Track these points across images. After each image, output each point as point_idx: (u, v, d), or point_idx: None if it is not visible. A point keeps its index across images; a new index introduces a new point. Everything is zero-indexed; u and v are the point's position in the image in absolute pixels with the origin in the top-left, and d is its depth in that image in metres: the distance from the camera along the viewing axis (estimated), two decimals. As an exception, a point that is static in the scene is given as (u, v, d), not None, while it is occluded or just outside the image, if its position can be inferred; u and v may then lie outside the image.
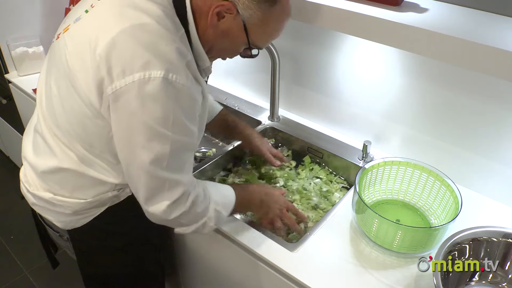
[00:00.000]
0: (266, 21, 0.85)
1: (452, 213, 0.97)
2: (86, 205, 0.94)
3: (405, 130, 1.24)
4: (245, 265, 1.06)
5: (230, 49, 0.92)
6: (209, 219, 0.94)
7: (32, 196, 0.98)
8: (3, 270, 1.96)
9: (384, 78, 1.21)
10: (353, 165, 1.28)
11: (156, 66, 0.74)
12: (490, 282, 0.94)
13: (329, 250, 1.00)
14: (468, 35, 0.81)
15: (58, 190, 0.94)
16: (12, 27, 1.78)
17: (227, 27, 0.85)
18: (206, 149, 1.52)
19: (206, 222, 0.94)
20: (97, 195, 0.93)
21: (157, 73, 0.74)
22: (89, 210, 0.95)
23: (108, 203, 0.96)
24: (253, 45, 0.90)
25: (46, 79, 0.92)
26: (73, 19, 0.88)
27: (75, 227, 0.98)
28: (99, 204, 0.95)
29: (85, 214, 0.96)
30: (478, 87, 1.04)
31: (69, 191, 0.93)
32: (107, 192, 0.94)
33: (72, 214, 0.95)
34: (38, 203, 0.98)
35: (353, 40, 1.22)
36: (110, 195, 0.94)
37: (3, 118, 2.19)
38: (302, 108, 1.48)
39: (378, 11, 0.93)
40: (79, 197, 0.93)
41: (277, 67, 1.34)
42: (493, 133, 1.06)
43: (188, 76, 0.79)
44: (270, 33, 0.90)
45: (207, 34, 0.86)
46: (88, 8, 0.86)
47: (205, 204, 0.93)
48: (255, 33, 0.86)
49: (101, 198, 0.94)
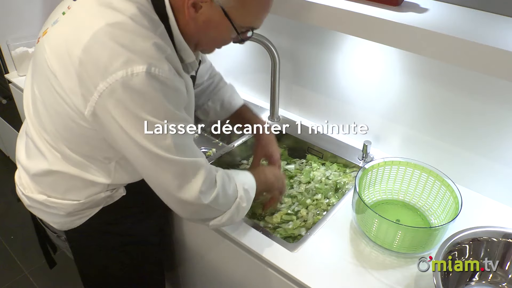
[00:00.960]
0: (244, 0, 0.82)
1: (452, 213, 0.97)
2: (80, 206, 0.94)
3: (405, 130, 1.24)
4: (245, 265, 1.06)
5: (219, 38, 0.90)
6: (241, 199, 0.93)
7: (27, 198, 0.98)
8: (3, 270, 1.96)
9: (384, 78, 1.21)
10: (353, 165, 1.28)
11: (138, 62, 0.74)
12: (490, 282, 0.94)
13: (329, 250, 1.00)
14: (468, 35, 0.81)
15: (51, 192, 0.94)
16: (12, 27, 1.78)
17: (207, 17, 0.82)
18: (206, 149, 1.52)
19: (239, 204, 0.93)
20: (89, 196, 0.93)
21: (140, 68, 0.74)
22: (83, 211, 0.96)
23: (102, 203, 0.96)
24: (241, 28, 0.86)
25: (31, 84, 0.92)
26: (51, 22, 0.88)
27: (71, 227, 0.98)
28: (93, 205, 0.95)
29: (80, 215, 0.96)
30: (478, 87, 1.04)
31: (62, 193, 0.93)
32: (100, 193, 0.94)
33: (66, 215, 0.95)
34: (33, 205, 0.98)
35: (353, 40, 1.21)
36: (103, 195, 0.94)
37: (3, 118, 2.19)
38: (302, 108, 1.48)
39: (378, 11, 0.93)
40: (71, 198, 0.93)
41: (277, 67, 1.34)
42: (493, 133, 1.06)
43: (170, 69, 0.78)
44: (254, 11, 0.85)
45: (189, 28, 0.84)
46: (65, 10, 0.86)
47: (233, 185, 0.92)
48: (237, 16, 0.83)
49: (94, 199, 0.94)
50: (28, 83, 0.95)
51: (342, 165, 1.32)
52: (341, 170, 1.30)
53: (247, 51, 1.52)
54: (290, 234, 1.10)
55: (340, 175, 1.28)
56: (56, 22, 0.86)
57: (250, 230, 1.04)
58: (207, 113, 1.24)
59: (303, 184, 1.27)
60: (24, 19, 1.80)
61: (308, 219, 1.14)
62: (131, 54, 0.74)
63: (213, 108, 1.23)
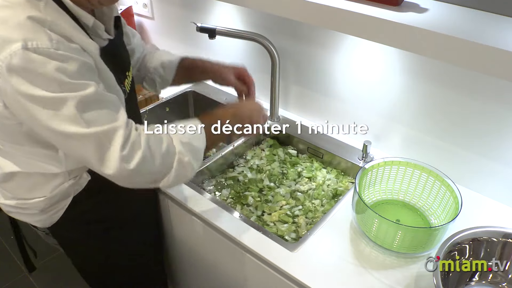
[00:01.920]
0: None
1: (452, 213, 0.97)
2: (49, 201, 0.95)
3: (405, 130, 1.24)
4: (245, 265, 1.06)
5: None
6: (181, 154, 0.85)
7: (3, 205, 1.00)
8: (3, 270, 1.96)
9: (384, 78, 1.21)
10: (353, 165, 1.28)
11: (12, 40, 0.70)
12: (490, 282, 0.94)
13: (329, 250, 1.00)
14: (468, 35, 0.81)
15: (18, 194, 0.95)
16: None
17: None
18: (206, 149, 1.52)
19: (180, 159, 0.85)
20: (54, 189, 0.94)
21: (15, 46, 0.70)
22: (55, 205, 0.96)
23: (71, 193, 0.96)
24: None
25: None
26: None
27: (53, 222, 0.99)
28: (62, 197, 0.95)
29: (54, 209, 0.97)
30: (478, 87, 1.04)
31: (28, 193, 0.94)
32: (63, 183, 0.94)
33: (41, 212, 0.96)
34: (10, 210, 1.00)
35: (353, 40, 1.21)
36: (67, 185, 0.94)
37: None
38: (302, 108, 1.48)
39: (378, 11, 0.93)
40: (38, 196, 0.94)
41: (277, 67, 1.34)
42: (493, 133, 1.06)
43: (52, 38, 0.73)
44: None
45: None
46: None
47: (166, 140, 0.84)
48: None
49: (60, 190, 0.94)
50: None
51: (340, 171, 1.32)
52: (340, 177, 1.30)
53: (247, 51, 1.52)
54: (280, 234, 1.11)
55: (338, 182, 1.29)
56: None
57: (250, 230, 1.04)
58: (153, 81, 1.20)
59: (306, 178, 1.28)
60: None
61: (301, 226, 1.14)
62: (4, 34, 0.71)
63: (157, 74, 1.18)
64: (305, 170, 1.32)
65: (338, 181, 1.29)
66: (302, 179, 1.30)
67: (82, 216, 1.01)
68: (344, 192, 1.23)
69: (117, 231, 1.08)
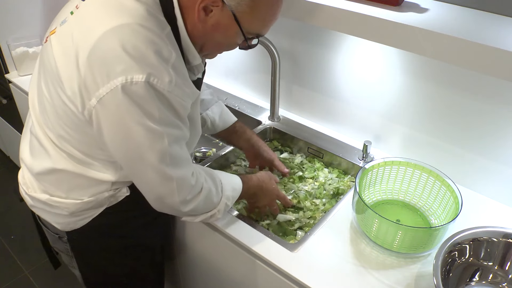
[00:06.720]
0: (256, 7, 0.82)
1: (452, 213, 0.97)
2: (83, 205, 0.93)
3: (405, 130, 1.24)
4: (245, 265, 1.06)
5: (226, 42, 0.89)
6: (219, 212, 0.98)
7: (30, 198, 0.98)
8: (3, 270, 1.96)
9: (384, 78, 1.21)
10: (353, 165, 1.28)
11: (138, 71, 0.74)
12: (490, 282, 0.94)
13: (329, 250, 1.00)
14: (468, 35, 0.81)
15: (54, 191, 0.94)
16: (12, 27, 1.78)
17: (216, 20, 0.82)
18: (206, 149, 1.52)
19: (215, 214, 0.98)
20: (93, 195, 0.93)
21: (139, 77, 0.74)
22: (86, 211, 0.95)
23: (105, 203, 0.96)
24: (249, 34, 0.86)
25: (38, 82, 0.92)
26: (60, 21, 0.88)
27: (74, 228, 0.98)
28: (96, 205, 0.95)
29: (83, 215, 0.96)
30: (478, 87, 1.04)
31: (65, 192, 0.93)
32: (103, 192, 0.93)
33: (69, 215, 0.95)
34: (36, 205, 0.98)
35: (353, 40, 1.22)
36: (106, 195, 0.94)
37: (3, 118, 2.19)
38: (302, 108, 1.48)
39: (378, 11, 0.93)
40: (75, 197, 0.93)
41: (277, 67, 1.34)
42: (494, 133, 1.06)
43: (172, 80, 0.78)
44: (263, 18, 0.85)
45: (197, 30, 0.84)
46: (73, 9, 0.85)
47: (218, 198, 0.97)
48: (247, 21, 0.83)
49: (97, 198, 0.93)
50: (35, 81, 0.95)
51: (342, 171, 1.32)
52: (342, 176, 1.30)
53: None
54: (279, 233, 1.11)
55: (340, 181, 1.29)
56: (65, 22, 0.86)
57: (250, 230, 1.04)
58: (204, 121, 1.23)
59: (309, 179, 1.28)
60: (24, 19, 1.80)
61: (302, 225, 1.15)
62: (132, 61, 0.74)
63: (211, 118, 1.23)
64: (306, 171, 1.32)
65: (340, 180, 1.29)
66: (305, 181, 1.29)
67: (107, 228, 1.00)
68: (346, 190, 1.23)
69: (135, 250, 1.08)
